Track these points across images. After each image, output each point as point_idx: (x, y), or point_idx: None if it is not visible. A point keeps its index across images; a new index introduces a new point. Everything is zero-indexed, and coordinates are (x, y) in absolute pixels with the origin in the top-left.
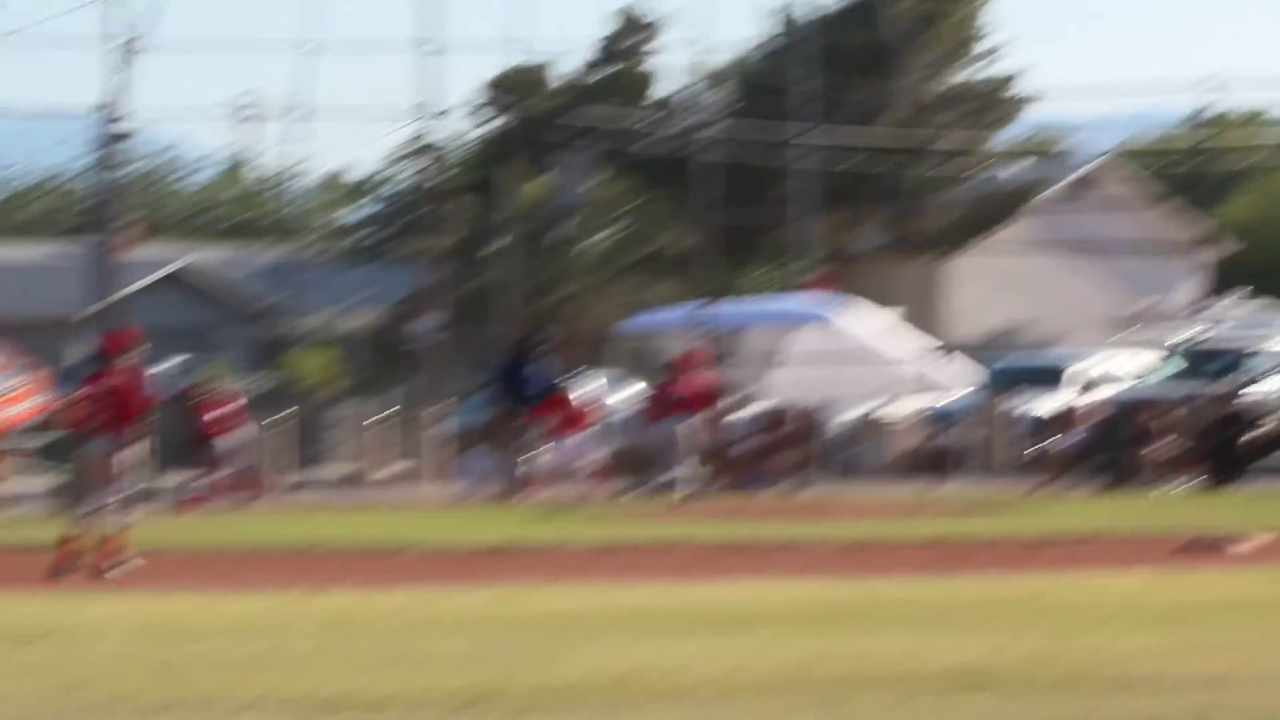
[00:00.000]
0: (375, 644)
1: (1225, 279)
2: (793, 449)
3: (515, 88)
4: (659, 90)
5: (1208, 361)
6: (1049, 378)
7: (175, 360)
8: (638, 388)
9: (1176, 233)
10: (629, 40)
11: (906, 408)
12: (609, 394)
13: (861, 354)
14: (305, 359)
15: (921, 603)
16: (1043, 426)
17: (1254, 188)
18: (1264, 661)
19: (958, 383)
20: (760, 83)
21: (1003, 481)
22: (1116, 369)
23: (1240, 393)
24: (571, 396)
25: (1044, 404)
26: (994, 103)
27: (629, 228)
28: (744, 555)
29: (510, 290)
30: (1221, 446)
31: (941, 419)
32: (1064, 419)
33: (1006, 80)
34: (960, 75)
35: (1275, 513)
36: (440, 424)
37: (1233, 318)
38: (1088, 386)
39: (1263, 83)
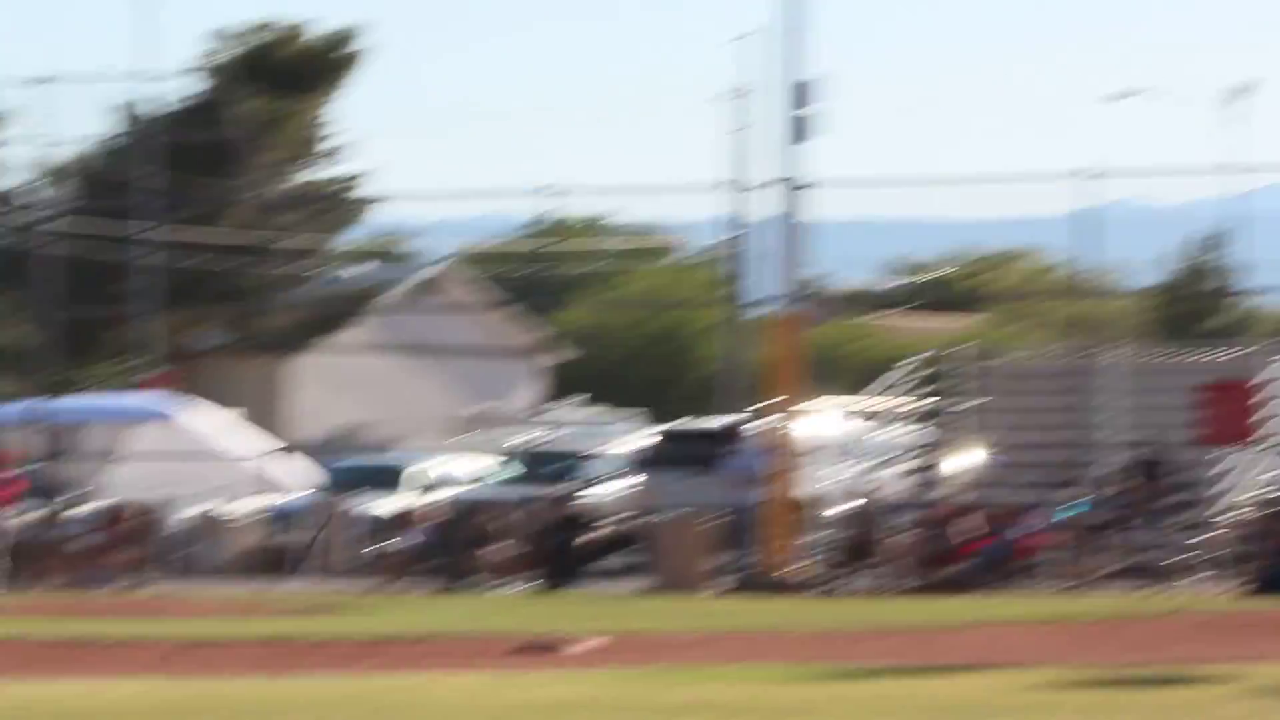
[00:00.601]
0: None
1: (563, 384)
2: (130, 546)
3: None
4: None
5: (545, 465)
6: (389, 479)
7: None
8: None
9: (516, 337)
10: None
11: (246, 506)
12: None
13: (201, 452)
14: None
15: (256, 701)
16: (382, 527)
17: (592, 294)
18: None
19: (298, 482)
20: (103, 179)
21: (341, 581)
22: (456, 471)
23: (577, 496)
24: None
25: (383, 505)
26: (337, 204)
27: None
28: (78, 652)
29: None
30: (558, 549)
31: (281, 518)
32: (403, 520)
33: (350, 181)
34: (304, 175)
35: (609, 615)
36: None
37: (570, 422)
38: (427, 488)
39: (600, 190)
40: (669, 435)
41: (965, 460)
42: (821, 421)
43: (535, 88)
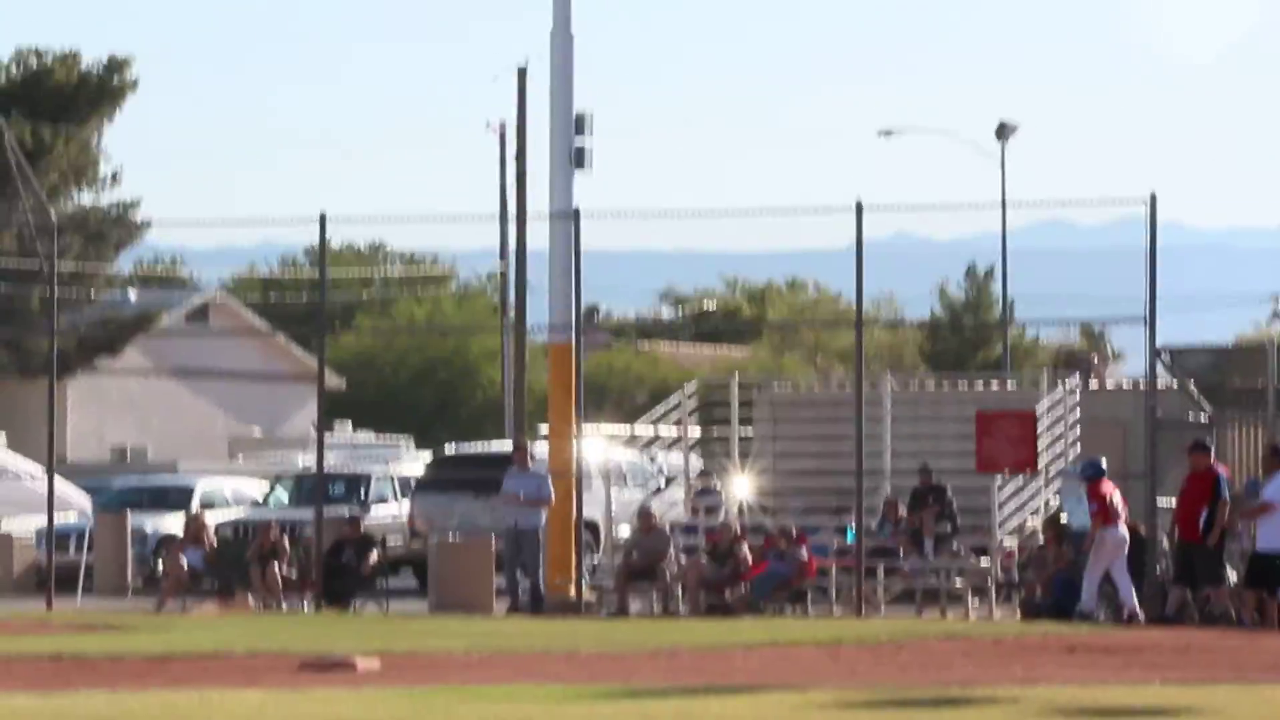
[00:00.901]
0: None
1: (339, 409)
2: None
3: None
4: None
5: (322, 486)
6: (168, 498)
7: None
8: None
9: (291, 363)
10: None
11: (24, 525)
12: None
13: None
14: None
15: (44, 718)
16: (162, 546)
17: (370, 321)
18: None
19: (75, 503)
20: None
21: (122, 600)
22: (234, 492)
23: (358, 517)
24: None
25: (163, 524)
26: (114, 228)
27: None
28: None
29: None
30: (340, 569)
31: (61, 538)
32: (183, 539)
33: (125, 207)
34: (80, 200)
35: (391, 635)
36: None
37: (343, 446)
38: (206, 507)
39: (377, 219)
40: (449, 459)
41: (747, 486)
42: (601, 447)
43: (312, 117)
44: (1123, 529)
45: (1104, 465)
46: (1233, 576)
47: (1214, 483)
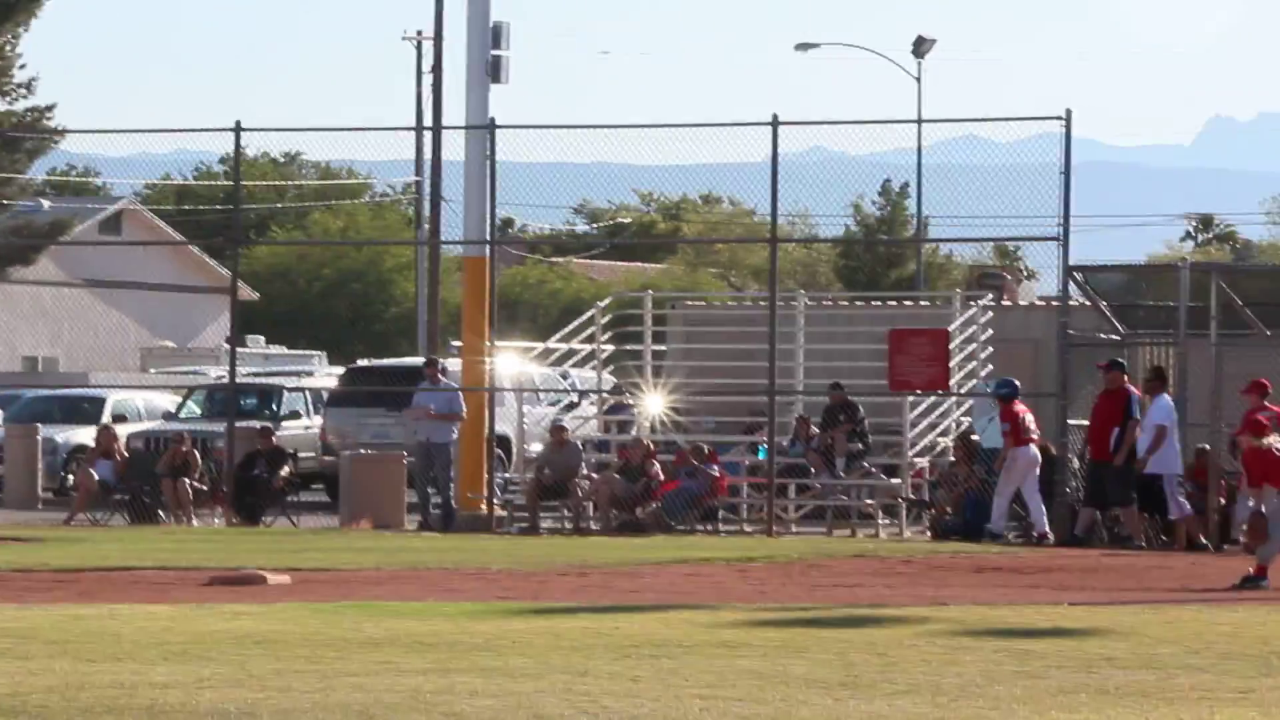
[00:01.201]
0: None
1: (252, 322)
2: None
3: None
4: None
5: (235, 400)
6: (80, 410)
7: None
8: None
9: (205, 275)
10: None
11: None
12: None
13: None
14: None
15: None
16: (73, 458)
17: (284, 233)
18: (286, 696)
19: None
20: None
21: (32, 513)
22: (146, 404)
23: (270, 431)
24: None
25: (75, 436)
26: (27, 135)
27: None
28: None
29: None
30: (251, 484)
31: None
32: (94, 451)
33: (39, 114)
34: None
35: (302, 550)
36: None
37: (258, 359)
38: (118, 420)
39: (293, 130)
40: (362, 373)
41: (660, 402)
42: (515, 362)
43: (229, 26)
44: (1034, 449)
45: (1018, 385)
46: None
47: (1126, 402)
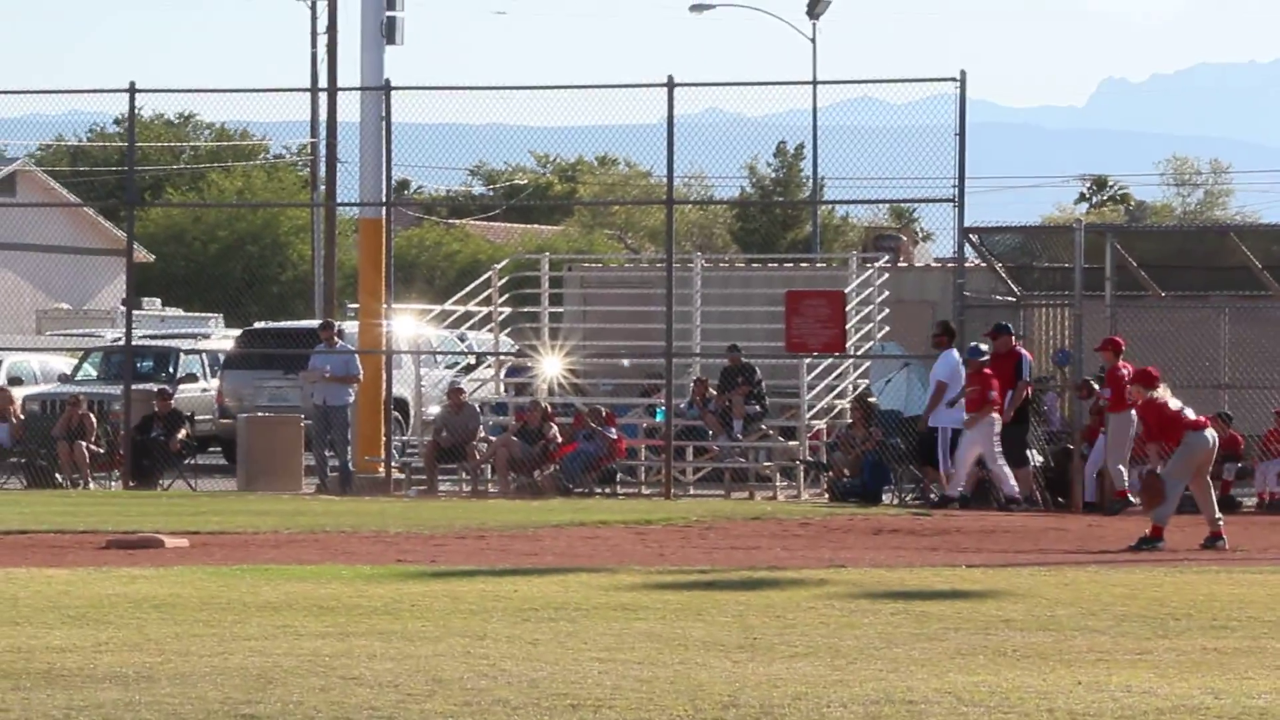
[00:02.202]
0: None
1: (147, 284)
2: None
3: None
4: None
5: (131, 362)
6: None
7: None
8: None
9: (100, 236)
10: None
11: None
12: None
13: None
14: None
15: None
16: None
17: (178, 195)
18: (184, 660)
19: None
20: None
21: None
22: (41, 367)
23: (166, 394)
24: None
25: None
26: None
27: None
28: None
29: None
30: (148, 446)
31: None
32: None
33: None
34: None
35: (199, 513)
36: None
37: (154, 321)
38: (13, 383)
39: (187, 90)
40: (258, 335)
41: (557, 365)
42: (411, 324)
43: None
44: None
45: (985, 349)
46: (1037, 458)
47: (1016, 364)
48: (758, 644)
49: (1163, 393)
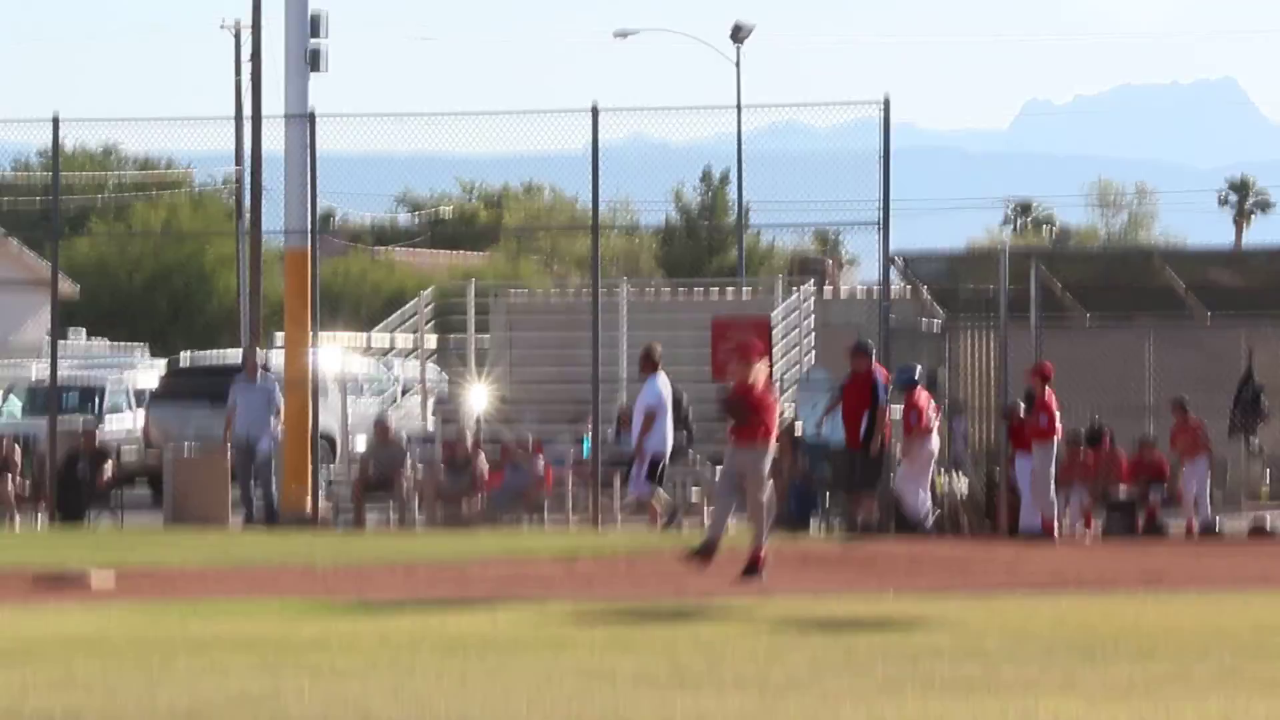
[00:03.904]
0: None
1: (72, 317)
2: None
3: None
4: None
5: (56, 397)
6: None
7: None
8: None
9: (23, 269)
10: None
11: None
12: None
13: None
14: None
15: None
16: None
17: (102, 226)
18: (112, 699)
19: None
20: None
21: None
22: None
23: (92, 429)
24: None
25: None
26: None
27: None
28: None
29: None
30: (74, 482)
31: None
32: None
33: None
34: None
35: (126, 549)
36: None
37: (78, 355)
38: None
39: (110, 120)
40: (185, 369)
41: (484, 395)
42: (338, 355)
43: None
44: (935, 440)
45: (917, 374)
46: (963, 484)
47: (873, 387)
48: (686, 678)
49: (761, 370)
